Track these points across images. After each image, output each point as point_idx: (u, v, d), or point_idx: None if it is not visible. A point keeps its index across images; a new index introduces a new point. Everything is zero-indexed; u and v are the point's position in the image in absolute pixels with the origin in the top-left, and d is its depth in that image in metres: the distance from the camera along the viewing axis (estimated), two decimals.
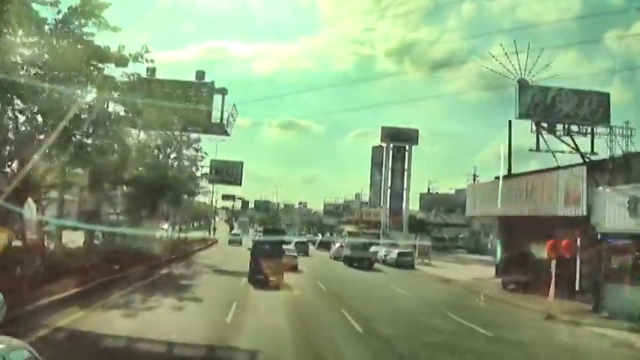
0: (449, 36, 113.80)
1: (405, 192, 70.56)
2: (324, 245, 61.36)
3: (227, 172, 47.32)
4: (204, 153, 37.61)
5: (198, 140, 36.25)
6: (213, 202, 73.23)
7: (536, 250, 28.53)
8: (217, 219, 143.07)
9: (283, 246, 28.85)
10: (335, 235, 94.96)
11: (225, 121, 35.71)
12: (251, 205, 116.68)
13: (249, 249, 26.49)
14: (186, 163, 36.35)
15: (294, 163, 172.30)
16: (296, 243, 45.33)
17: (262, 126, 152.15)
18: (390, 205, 70.18)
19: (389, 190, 70.13)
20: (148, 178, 26.27)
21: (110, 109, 18.68)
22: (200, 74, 35.11)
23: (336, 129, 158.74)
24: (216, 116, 35.44)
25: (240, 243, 54.71)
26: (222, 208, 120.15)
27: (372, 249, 50.76)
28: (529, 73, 28.04)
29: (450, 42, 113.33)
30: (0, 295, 4.34)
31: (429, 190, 76.80)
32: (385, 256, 45.99)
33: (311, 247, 54.91)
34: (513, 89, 28.54)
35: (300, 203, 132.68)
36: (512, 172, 31.43)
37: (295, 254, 33.82)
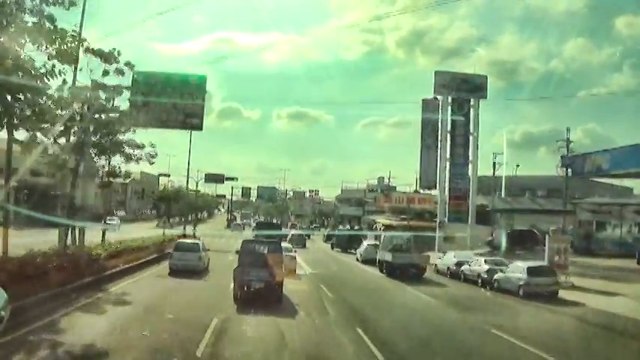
0: (459, 24, 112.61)
1: (470, 166, 48.63)
2: (330, 238, 53.35)
3: (172, 103, 20.97)
4: (116, 52, 16.05)
5: None
6: (196, 185, 52.25)
7: None
8: (221, 211, 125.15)
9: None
10: (352, 226, 77.04)
11: None
12: (254, 193, 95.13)
13: (236, 251, 18.60)
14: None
15: (303, 154, 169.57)
16: (292, 236, 44.78)
17: (271, 117, 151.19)
18: (449, 187, 48.21)
19: (447, 164, 48.10)
20: None
21: None
22: None
23: (345, 119, 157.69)
24: None
25: (242, 230, 59.11)
26: (218, 196, 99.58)
27: (451, 257, 30.20)
28: None
29: (461, 30, 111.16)
30: (4, 293, 4.41)
31: (494, 166, 54.35)
32: (489, 272, 24.37)
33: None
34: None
35: (311, 191, 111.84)
36: None
37: (294, 254, 26.62)
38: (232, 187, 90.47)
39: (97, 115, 19.49)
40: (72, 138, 19.39)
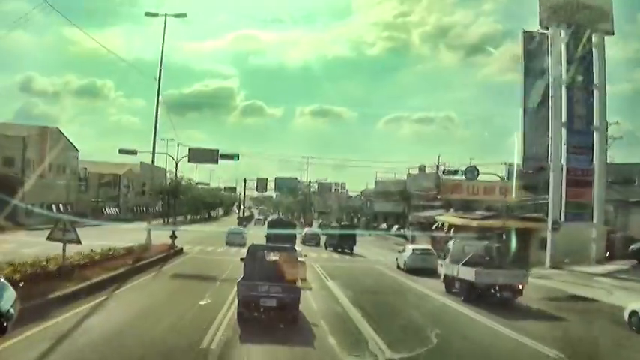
0: (484, 19, 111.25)
1: (595, 135, 31.86)
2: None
3: None
4: None
5: None
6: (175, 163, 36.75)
7: None
8: (242, 208, 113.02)
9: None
10: (389, 226, 67.71)
11: None
12: (271, 186, 79.46)
13: (241, 259, 15.32)
14: None
15: (326, 150, 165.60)
16: (305, 235, 45.65)
17: (294, 114, 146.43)
18: (567, 165, 31.40)
19: (563, 132, 31.33)
20: None
21: None
22: None
23: (368, 115, 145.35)
24: None
25: (263, 224, 60.32)
26: (226, 189, 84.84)
27: None
28: None
29: (486, 25, 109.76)
30: (13, 291, 3.66)
31: (605, 141, 36.34)
32: None
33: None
34: None
35: (336, 184, 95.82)
36: None
37: (303, 258, 20.46)
38: (245, 180, 75.02)
39: None
40: None
